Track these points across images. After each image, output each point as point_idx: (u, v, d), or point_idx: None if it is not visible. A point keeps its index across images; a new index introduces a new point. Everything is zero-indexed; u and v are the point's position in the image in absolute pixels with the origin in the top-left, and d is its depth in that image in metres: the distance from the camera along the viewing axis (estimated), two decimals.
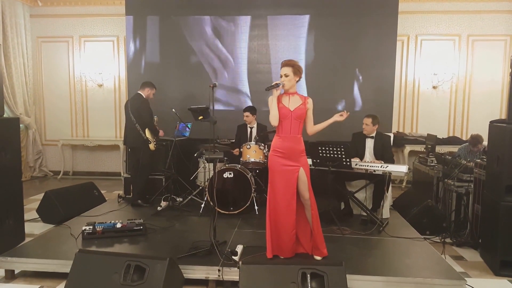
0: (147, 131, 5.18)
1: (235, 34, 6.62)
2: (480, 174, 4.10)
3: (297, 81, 3.48)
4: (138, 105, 5.19)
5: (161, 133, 5.43)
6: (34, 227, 4.70)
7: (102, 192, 5.70)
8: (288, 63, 3.40)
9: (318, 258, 3.50)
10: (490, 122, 3.96)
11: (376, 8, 6.37)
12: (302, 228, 3.53)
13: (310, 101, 3.47)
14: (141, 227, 4.03)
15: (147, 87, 5.30)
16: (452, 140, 7.09)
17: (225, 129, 5.97)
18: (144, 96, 5.26)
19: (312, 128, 3.52)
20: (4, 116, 4.03)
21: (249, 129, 5.58)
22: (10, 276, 3.44)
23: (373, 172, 4.36)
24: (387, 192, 4.67)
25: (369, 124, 4.75)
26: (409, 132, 7.44)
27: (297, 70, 3.41)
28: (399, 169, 4.31)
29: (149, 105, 5.30)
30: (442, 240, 4.30)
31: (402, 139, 7.20)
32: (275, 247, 3.45)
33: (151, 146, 5.23)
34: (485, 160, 4.05)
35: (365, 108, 6.18)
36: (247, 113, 5.50)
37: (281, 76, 3.42)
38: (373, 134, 4.81)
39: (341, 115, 3.55)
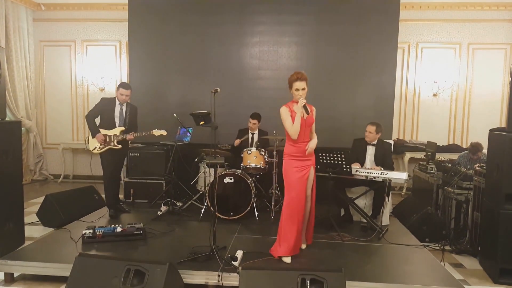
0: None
1: (236, 40, 6.66)
2: (480, 182, 4.11)
3: None
4: None
5: (99, 137, 4.79)
6: (34, 231, 4.71)
7: (102, 196, 5.70)
8: (303, 77, 3.54)
9: (303, 246, 3.84)
10: (490, 130, 3.97)
11: (377, 15, 6.41)
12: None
13: (313, 110, 3.76)
14: (141, 232, 4.03)
15: (116, 90, 4.97)
16: (452, 148, 7.11)
17: (226, 135, 5.99)
18: (116, 97, 4.95)
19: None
20: (5, 119, 4.06)
21: (250, 135, 5.59)
22: (10, 279, 3.44)
23: (373, 179, 4.37)
24: (387, 199, 4.68)
25: (372, 132, 4.75)
26: (409, 139, 7.46)
27: (308, 83, 3.60)
28: (399, 176, 4.33)
29: (100, 105, 4.91)
30: (442, 247, 4.30)
31: (402, 146, 7.22)
32: (291, 247, 3.56)
33: (90, 148, 4.87)
34: (484, 168, 4.06)
35: (366, 115, 6.19)
36: (254, 121, 5.49)
37: (296, 90, 3.54)
38: (375, 142, 4.81)
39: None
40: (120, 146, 4.87)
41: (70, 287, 2.82)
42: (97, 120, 4.95)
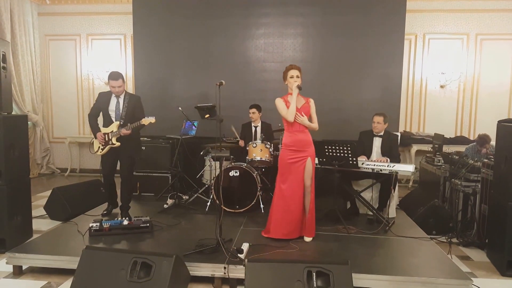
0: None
1: (242, 32, 6.62)
2: (488, 174, 4.07)
3: None
4: None
5: (98, 136, 4.37)
6: (42, 224, 4.75)
7: None
8: (296, 67, 3.85)
9: (309, 239, 3.86)
10: (498, 121, 3.92)
11: (383, 6, 6.35)
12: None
13: (311, 101, 3.94)
14: (148, 225, 4.05)
15: (107, 82, 4.51)
16: (459, 140, 7.05)
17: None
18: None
19: (316, 124, 3.92)
20: (12, 113, 4.08)
21: (253, 128, 5.57)
22: (18, 272, 3.47)
23: (380, 171, 4.34)
24: (393, 192, 4.65)
25: (380, 123, 4.71)
26: (416, 132, 7.41)
27: (301, 74, 3.86)
28: (406, 168, 4.29)
29: (97, 101, 4.53)
30: (449, 240, 4.27)
31: (409, 139, 7.17)
32: (279, 230, 3.84)
33: (94, 150, 4.51)
34: (492, 159, 4.02)
35: (372, 108, 6.15)
36: (253, 110, 5.47)
37: (291, 77, 3.80)
38: (382, 133, 4.78)
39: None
40: (118, 144, 4.33)
41: (77, 280, 2.84)
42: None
